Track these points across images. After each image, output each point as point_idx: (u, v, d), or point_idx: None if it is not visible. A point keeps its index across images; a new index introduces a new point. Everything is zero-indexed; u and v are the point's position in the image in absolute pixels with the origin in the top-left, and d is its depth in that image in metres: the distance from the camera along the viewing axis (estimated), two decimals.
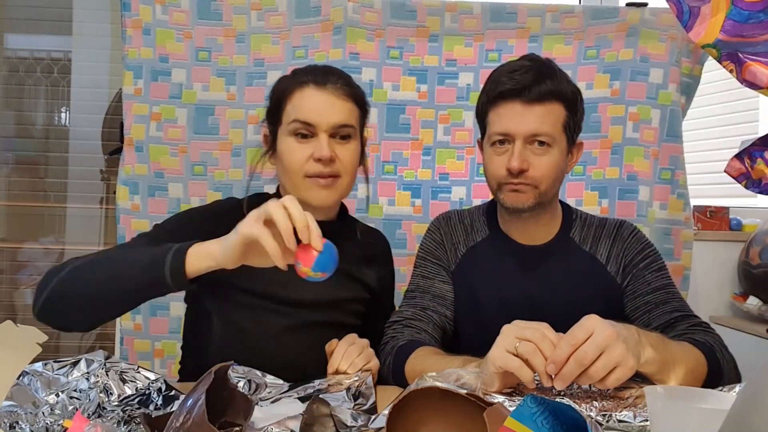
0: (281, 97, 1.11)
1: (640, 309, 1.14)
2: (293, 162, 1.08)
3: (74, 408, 0.79)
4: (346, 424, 0.78)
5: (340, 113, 1.08)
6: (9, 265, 2.44)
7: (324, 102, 1.08)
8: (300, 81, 1.10)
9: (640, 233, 1.23)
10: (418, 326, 1.14)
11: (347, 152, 1.10)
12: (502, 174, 1.13)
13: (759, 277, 1.97)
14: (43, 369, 0.82)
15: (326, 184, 1.08)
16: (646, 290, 1.15)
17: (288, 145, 1.09)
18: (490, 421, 0.59)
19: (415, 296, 1.20)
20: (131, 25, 1.62)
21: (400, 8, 1.66)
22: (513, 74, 1.12)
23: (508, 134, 1.12)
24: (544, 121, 1.11)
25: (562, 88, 1.13)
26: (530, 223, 1.20)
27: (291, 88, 1.10)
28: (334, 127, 1.08)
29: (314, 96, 1.08)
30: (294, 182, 1.09)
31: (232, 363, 0.75)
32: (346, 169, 1.10)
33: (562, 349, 0.83)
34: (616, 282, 1.19)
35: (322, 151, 1.06)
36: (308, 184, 1.08)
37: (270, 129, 1.15)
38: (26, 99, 2.46)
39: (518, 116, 1.11)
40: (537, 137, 1.11)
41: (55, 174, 2.43)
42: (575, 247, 1.21)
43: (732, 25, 0.95)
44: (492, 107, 1.15)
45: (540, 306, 1.15)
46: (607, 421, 0.80)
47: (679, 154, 1.68)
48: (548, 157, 1.12)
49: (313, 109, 1.07)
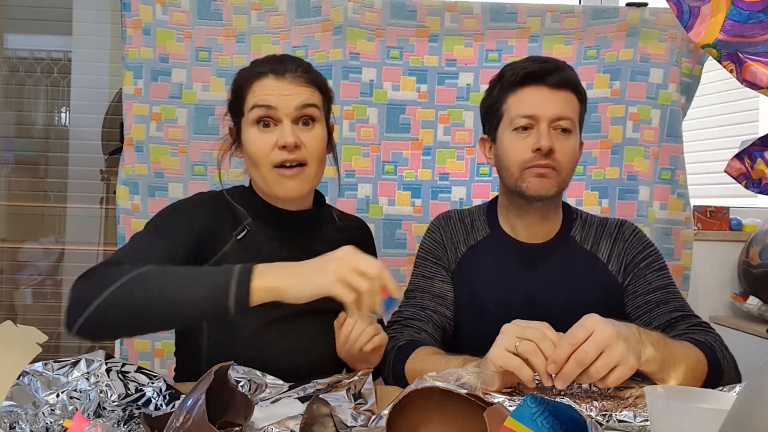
0: (241, 88, 1.10)
1: (641, 308, 1.14)
2: (258, 151, 1.07)
3: (74, 408, 0.79)
4: (346, 424, 0.78)
5: (300, 96, 1.07)
6: (9, 265, 2.43)
7: (284, 88, 1.07)
8: (258, 71, 1.09)
9: (641, 233, 1.23)
10: (418, 326, 1.14)
11: (312, 138, 1.08)
12: (527, 157, 1.13)
13: (759, 277, 1.97)
14: (43, 369, 0.82)
15: (293, 174, 1.06)
16: (647, 289, 1.15)
17: (252, 135, 1.08)
18: (490, 421, 0.59)
19: (415, 296, 1.20)
20: (131, 25, 1.62)
21: (400, 8, 1.66)
22: (535, 62, 1.15)
23: (534, 116, 1.12)
24: (567, 107, 1.13)
25: (578, 81, 1.17)
26: (535, 218, 1.20)
27: (250, 79, 1.09)
28: (297, 108, 1.06)
29: (274, 84, 1.07)
30: (262, 175, 1.08)
31: (231, 363, 0.75)
32: (312, 156, 1.08)
33: (563, 349, 0.83)
34: (618, 281, 1.19)
35: (285, 137, 1.04)
36: (275, 176, 1.07)
37: (234, 122, 1.14)
38: (26, 99, 2.45)
39: (543, 99, 1.13)
40: (560, 122, 1.12)
41: (55, 174, 2.43)
42: (576, 245, 1.21)
43: (732, 25, 0.95)
44: (513, 93, 1.16)
45: (540, 305, 1.15)
46: (607, 421, 0.80)
47: (679, 154, 1.68)
48: (570, 143, 1.14)
49: (274, 93, 1.06)
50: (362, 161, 1.67)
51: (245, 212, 1.13)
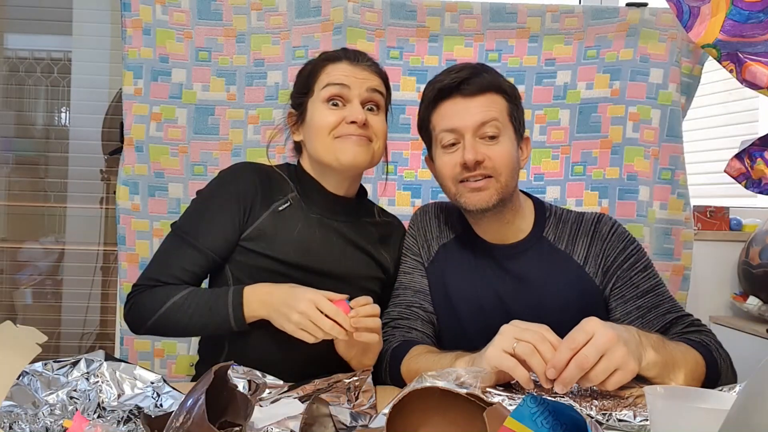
0: (314, 70, 1.17)
1: (632, 314, 1.11)
2: (325, 124, 1.12)
3: (74, 408, 0.79)
4: (345, 424, 0.78)
5: (371, 80, 1.15)
6: (9, 265, 2.43)
7: (358, 72, 1.14)
8: (333, 56, 1.16)
9: (620, 228, 1.18)
10: (407, 325, 1.14)
11: (378, 121, 1.15)
12: (457, 172, 1.10)
13: (759, 277, 1.97)
14: (43, 369, 0.82)
15: (359, 142, 1.12)
16: (635, 294, 1.11)
17: (321, 111, 1.13)
18: (490, 421, 0.59)
19: (399, 294, 1.20)
20: (131, 25, 1.62)
21: (400, 8, 1.66)
22: (449, 73, 1.12)
23: (456, 130, 1.10)
24: (488, 111, 1.10)
25: (499, 80, 1.13)
26: (494, 222, 1.15)
27: (324, 63, 1.16)
28: (368, 90, 1.13)
29: (348, 68, 1.15)
30: (325, 143, 1.13)
31: (231, 363, 0.76)
32: (377, 135, 1.15)
33: (562, 353, 0.83)
34: (594, 283, 1.14)
35: (356, 114, 1.11)
36: (340, 142, 1.12)
37: (298, 102, 1.18)
38: (26, 99, 2.45)
39: (462, 110, 1.10)
40: (485, 127, 1.09)
41: (55, 174, 2.43)
42: (549, 246, 1.17)
43: (732, 25, 0.95)
44: (434, 110, 1.13)
45: (513, 307, 1.13)
46: (607, 421, 0.80)
47: (679, 154, 1.68)
48: (500, 147, 1.10)
49: (348, 75, 1.14)
50: None
51: (292, 185, 1.18)
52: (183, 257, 1.12)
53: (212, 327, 1.07)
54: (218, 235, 1.12)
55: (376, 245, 1.22)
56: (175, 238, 1.14)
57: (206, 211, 1.14)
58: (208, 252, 1.12)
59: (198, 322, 1.06)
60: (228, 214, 1.12)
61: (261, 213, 1.13)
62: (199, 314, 1.06)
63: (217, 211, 1.13)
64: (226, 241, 1.12)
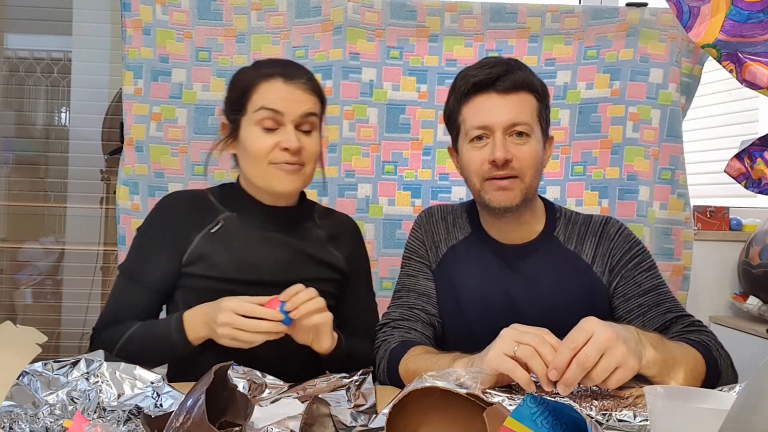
0: (247, 87, 1.14)
1: (633, 312, 1.11)
2: (259, 150, 1.12)
3: (74, 408, 0.79)
4: (345, 424, 0.78)
5: (305, 104, 1.13)
6: (9, 265, 2.43)
7: (291, 94, 1.12)
8: (266, 73, 1.14)
9: (627, 230, 1.19)
10: (407, 326, 1.14)
11: (311, 142, 1.15)
12: (485, 169, 1.10)
13: (759, 277, 1.97)
14: (43, 369, 0.82)
15: (292, 170, 1.12)
16: (637, 292, 1.12)
17: (254, 134, 1.12)
18: (490, 421, 0.59)
19: (401, 296, 1.20)
20: (131, 25, 1.62)
21: (400, 8, 1.66)
22: (483, 68, 1.12)
23: (487, 126, 1.10)
24: (521, 110, 1.10)
25: (532, 78, 1.13)
26: (512, 222, 1.16)
27: (257, 80, 1.14)
28: (302, 116, 1.12)
29: (282, 88, 1.12)
30: (259, 169, 1.13)
31: (231, 363, 0.75)
32: (310, 158, 1.15)
33: (563, 354, 0.83)
34: (602, 282, 1.15)
35: (290, 141, 1.10)
36: (274, 170, 1.12)
37: (231, 118, 1.17)
38: (26, 99, 2.45)
39: (495, 107, 1.10)
40: (516, 127, 1.09)
41: (55, 174, 2.43)
42: (559, 246, 1.18)
43: (732, 25, 0.95)
44: (465, 103, 1.13)
45: (522, 307, 1.14)
46: (607, 420, 0.80)
47: (679, 154, 1.68)
48: (528, 147, 1.10)
49: (282, 98, 1.11)
50: (362, 161, 1.67)
51: (222, 207, 1.18)
52: (132, 295, 1.15)
53: (169, 354, 1.10)
54: (159, 268, 1.14)
55: (324, 247, 1.21)
56: (123, 278, 1.17)
57: (144, 248, 1.17)
58: (152, 286, 1.14)
59: (154, 352, 1.08)
60: (164, 246, 1.14)
61: (194, 238, 1.15)
62: (151, 345, 1.08)
63: (153, 246, 1.15)
64: (167, 272, 1.14)
